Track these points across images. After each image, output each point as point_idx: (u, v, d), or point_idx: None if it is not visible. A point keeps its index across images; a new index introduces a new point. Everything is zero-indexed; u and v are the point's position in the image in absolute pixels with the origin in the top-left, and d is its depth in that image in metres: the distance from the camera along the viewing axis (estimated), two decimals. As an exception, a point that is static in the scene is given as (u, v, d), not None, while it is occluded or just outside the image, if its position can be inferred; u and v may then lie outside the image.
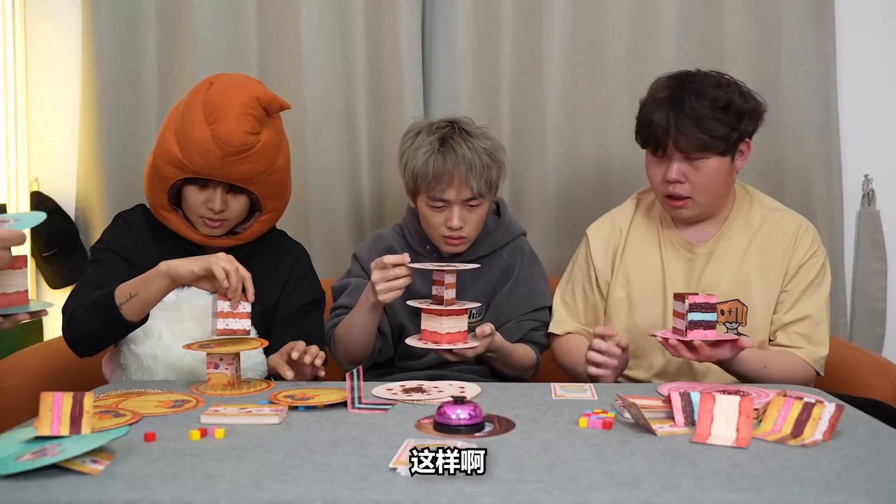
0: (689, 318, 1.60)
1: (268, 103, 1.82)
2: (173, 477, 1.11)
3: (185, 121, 1.81)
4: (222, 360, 1.62)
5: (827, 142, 2.42)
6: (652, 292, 1.89)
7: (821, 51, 2.42)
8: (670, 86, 1.81)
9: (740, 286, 1.85)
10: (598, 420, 1.34)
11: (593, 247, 1.98)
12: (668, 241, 1.92)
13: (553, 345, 2.01)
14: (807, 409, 1.29)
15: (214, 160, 1.77)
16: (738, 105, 1.78)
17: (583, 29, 2.45)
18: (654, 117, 1.78)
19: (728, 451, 1.22)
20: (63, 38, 2.54)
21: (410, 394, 1.57)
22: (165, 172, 1.83)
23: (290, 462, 1.17)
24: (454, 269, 1.73)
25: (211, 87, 1.84)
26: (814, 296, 1.84)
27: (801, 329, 1.83)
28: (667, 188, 1.82)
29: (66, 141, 2.54)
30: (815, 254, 1.87)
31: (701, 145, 1.76)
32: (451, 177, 1.85)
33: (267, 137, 1.82)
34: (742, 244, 1.88)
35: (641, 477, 1.10)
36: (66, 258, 2.49)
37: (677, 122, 1.75)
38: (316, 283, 2.02)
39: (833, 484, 1.08)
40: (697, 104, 1.75)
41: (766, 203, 1.95)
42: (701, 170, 1.79)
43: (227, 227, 1.90)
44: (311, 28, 2.46)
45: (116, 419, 1.37)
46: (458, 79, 2.46)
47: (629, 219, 1.98)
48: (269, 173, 1.85)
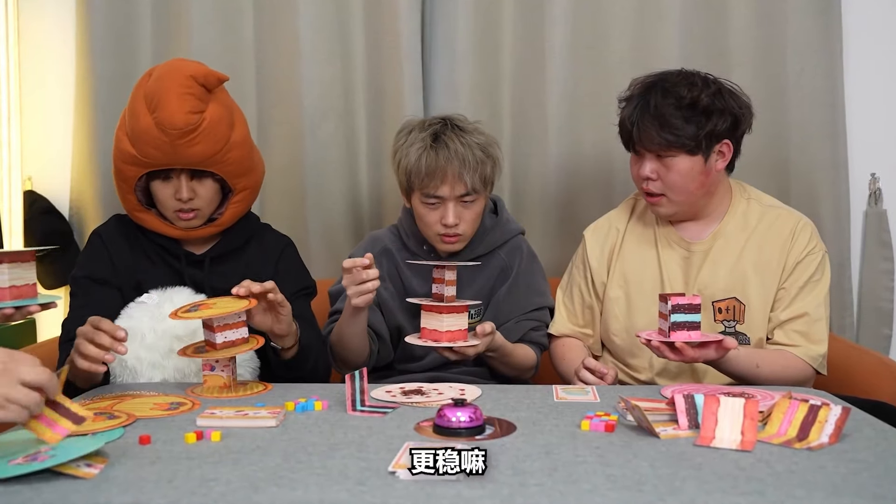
0: (671, 320, 1.62)
1: (204, 79, 1.81)
2: (169, 480, 1.11)
3: (131, 116, 1.82)
4: (217, 361, 1.63)
5: (833, 140, 2.42)
6: (650, 291, 1.90)
7: (827, 47, 2.41)
8: (644, 84, 1.86)
9: (737, 284, 1.86)
10: (600, 423, 1.34)
11: (589, 247, 2.00)
12: (664, 239, 1.93)
13: (550, 346, 2.03)
14: (812, 411, 1.29)
15: (164, 147, 1.78)
16: (706, 104, 1.79)
17: (585, 25, 2.45)
18: (623, 115, 1.86)
19: (732, 454, 1.22)
20: (57, 35, 2.54)
21: (410, 396, 1.57)
22: (126, 172, 1.85)
23: (287, 465, 1.17)
24: (454, 266, 1.73)
25: (150, 77, 1.84)
26: (811, 293, 1.84)
27: (799, 327, 1.83)
28: (643, 184, 1.86)
29: (60, 139, 2.55)
30: (813, 250, 1.87)
31: (664, 144, 1.79)
32: (445, 172, 1.85)
33: (213, 114, 1.81)
34: (739, 242, 1.88)
35: (644, 480, 1.10)
36: (60, 258, 2.49)
37: (640, 120, 1.80)
38: (305, 273, 2.02)
39: (840, 487, 1.08)
40: (662, 102, 1.79)
41: (764, 200, 1.95)
42: (671, 168, 1.82)
43: (203, 216, 1.90)
44: (308, 24, 2.46)
45: (111, 421, 1.38)
46: (458, 75, 2.46)
47: (626, 218, 2.00)
48: (226, 151, 1.84)
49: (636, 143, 1.83)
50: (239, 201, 1.93)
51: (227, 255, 1.94)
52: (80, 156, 2.52)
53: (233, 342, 1.63)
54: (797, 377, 1.79)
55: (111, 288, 1.87)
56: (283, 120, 2.50)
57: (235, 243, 1.95)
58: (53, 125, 2.56)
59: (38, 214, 2.52)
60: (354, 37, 2.47)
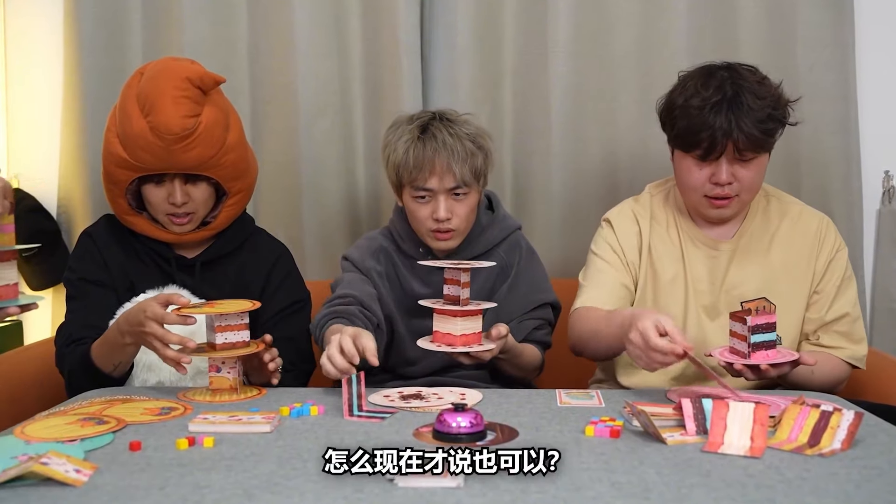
0: (752, 340, 1.61)
1: (200, 81, 1.80)
2: (160, 488, 1.11)
3: (122, 118, 1.81)
4: (224, 363, 1.63)
5: (846, 135, 2.42)
6: (674, 290, 1.89)
7: (839, 39, 2.41)
8: (716, 85, 1.76)
9: (767, 284, 1.87)
10: (605, 428, 1.34)
11: (618, 230, 1.94)
12: (688, 238, 1.92)
13: (570, 319, 1.92)
14: (824, 416, 1.29)
15: (159, 152, 1.77)
16: (784, 99, 1.79)
17: (589, 18, 2.44)
18: (711, 121, 1.73)
19: (742, 460, 1.22)
20: (44, 29, 2.53)
21: (409, 401, 1.56)
22: (117, 176, 1.84)
23: (282, 472, 1.17)
24: (469, 268, 1.72)
25: (142, 77, 1.83)
26: (847, 291, 1.88)
27: (841, 328, 1.86)
28: (712, 189, 1.80)
29: (48, 136, 2.54)
30: (841, 247, 1.90)
31: (760, 144, 1.76)
32: (433, 164, 1.85)
33: (208, 117, 1.80)
34: (764, 241, 1.89)
35: (651, 488, 1.10)
36: (48, 258, 2.49)
37: (739, 122, 1.72)
38: (299, 283, 2.02)
39: (852, 495, 1.08)
40: (757, 103, 1.73)
41: (783, 198, 1.96)
42: (750, 167, 1.78)
43: (196, 219, 1.90)
44: (304, 17, 2.46)
45: (100, 427, 1.38)
46: (458, 70, 2.46)
47: (648, 213, 1.96)
48: (222, 154, 1.84)
49: (727, 147, 1.74)
50: (233, 204, 1.93)
51: (219, 259, 1.94)
52: (68, 152, 2.52)
53: (233, 344, 1.63)
54: (841, 378, 1.84)
55: (107, 289, 1.87)
56: (277, 116, 2.50)
57: (228, 248, 1.95)
58: (41, 121, 2.55)
59: (24, 213, 2.52)
60: (351, 30, 2.47)
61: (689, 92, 1.78)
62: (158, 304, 1.59)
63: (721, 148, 1.74)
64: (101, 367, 1.72)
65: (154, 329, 1.58)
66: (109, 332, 1.71)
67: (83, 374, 1.74)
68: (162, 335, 1.58)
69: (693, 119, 1.75)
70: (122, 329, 1.66)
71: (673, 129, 1.82)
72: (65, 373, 1.81)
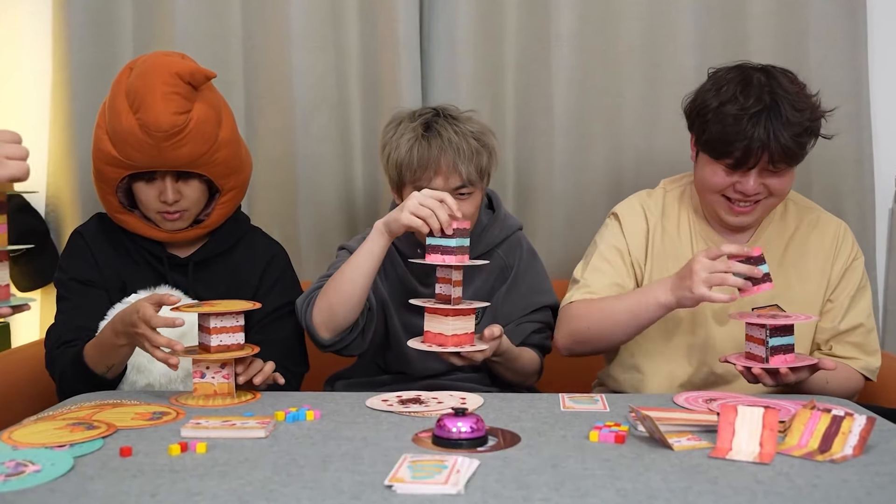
0: (770, 344, 1.61)
1: (190, 76, 1.79)
2: (151, 495, 1.11)
3: (111, 114, 1.81)
4: (209, 368, 1.63)
5: (857, 133, 2.42)
6: None
7: (851, 34, 2.41)
8: (756, 95, 1.72)
9: (780, 290, 1.85)
10: (609, 433, 1.34)
11: (625, 225, 1.93)
12: (701, 239, 1.90)
13: (560, 314, 1.92)
14: (835, 422, 1.30)
15: (149, 150, 1.77)
16: (821, 111, 1.76)
17: (593, 11, 2.45)
18: (748, 131, 1.69)
19: (750, 467, 1.22)
20: (31, 21, 2.54)
21: (407, 405, 1.57)
22: (107, 174, 1.84)
23: (277, 479, 1.17)
24: (460, 266, 1.72)
25: (131, 72, 1.83)
26: (861, 301, 1.88)
27: (855, 338, 1.86)
28: (735, 194, 1.79)
29: (36, 132, 2.54)
30: (857, 255, 1.90)
31: (794, 157, 1.73)
32: (438, 163, 1.85)
33: (199, 113, 1.80)
34: (780, 247, 1.89)
35: (657, 495, 1.10)
36: (36, 258, 2.49)
37: (777, 135, 1.69)
38: (294, 283, 2.02)
39: (864, 502, 1.08)
40: (795, 116, 1.70)
41: (800, 202, 1.95)
42: (780, 177, 1.76)
43: (189, 217, 1.90)
44: (300, 9, 2.46)
45: (90, 432, 1.37)
46: (458, 65, 2.46)
47: (659, 210, 1.95)
48: (213, 151, 1.84)
49: (762, 158, 1.71)
50: (227, 201, 1.93)
51: (213, 259, 1.95)
52: (56, 150, 2.52)
53: (227, 347, 1.63)
54: (855, 389, 1.84)
55: (98, 289, 1.88)
56: (272, 111, 2.50)
57: (222, 247, 1.96)
58: (28, 117, 2.55)
59: (12, 212, 2.52)
60: (349, 23, 2.47)
61: (724, 96, 1.74)
62: (150, 305, 1.59)
63: (755, 160, 1.71)
64: (93, 370, 1.73)
65: (144, 330, 1.58)
66: (104, 333, 1.72)
67: (75, 377, 1.74)
68: (151, 337, 1.58)
69: (728, 127, 1.71)
70: (117, 329, 1.66)
71: (704, 132, 1.77)
72: (56, 375, 1.81)
